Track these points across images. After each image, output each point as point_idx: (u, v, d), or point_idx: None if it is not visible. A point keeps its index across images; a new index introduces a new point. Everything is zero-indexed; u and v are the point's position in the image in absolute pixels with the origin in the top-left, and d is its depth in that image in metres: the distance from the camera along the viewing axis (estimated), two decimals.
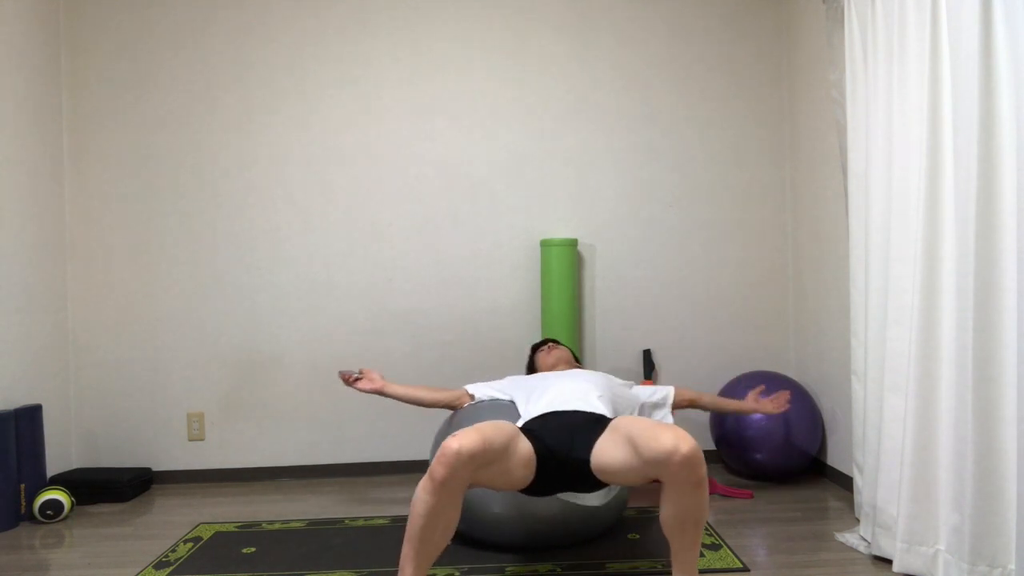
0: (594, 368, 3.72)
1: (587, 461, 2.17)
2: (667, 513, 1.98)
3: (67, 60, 3.61)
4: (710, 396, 2.95)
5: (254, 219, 3.65)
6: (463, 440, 1.96)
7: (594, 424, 2.27)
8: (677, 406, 2.84)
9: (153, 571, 2.48)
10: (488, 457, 2.01)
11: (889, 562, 2.40)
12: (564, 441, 2.22)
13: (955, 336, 2.13)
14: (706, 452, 3.72)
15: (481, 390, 2.82)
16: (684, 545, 2.00)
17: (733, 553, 2.49)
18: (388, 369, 3.66)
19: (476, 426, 2.06)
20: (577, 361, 3.02)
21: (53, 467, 3.43)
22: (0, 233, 3.14)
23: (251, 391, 3.63)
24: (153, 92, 3.62)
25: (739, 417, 3.26)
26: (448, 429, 2.72)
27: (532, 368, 3.03)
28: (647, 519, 2.86)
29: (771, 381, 3.33)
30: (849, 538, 2.59)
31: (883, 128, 2.50)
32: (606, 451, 2.13)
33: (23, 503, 3.09)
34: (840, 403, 3.25)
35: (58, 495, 3.06)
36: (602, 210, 3.73)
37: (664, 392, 2.83)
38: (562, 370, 2.82)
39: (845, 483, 3.20)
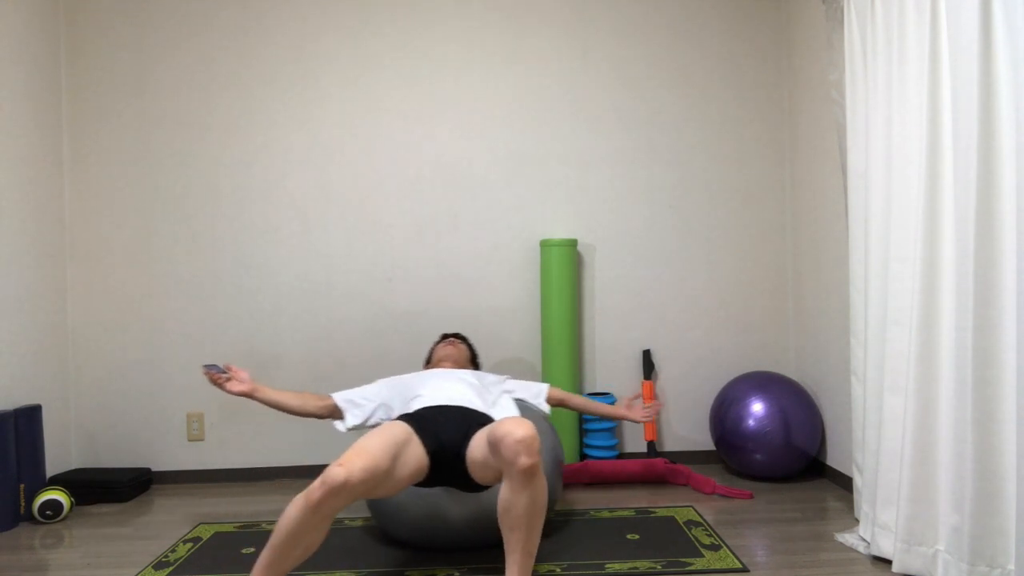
0: (594, 368, 3.73)
1: (465, 459, 2.26)
2: (500, 506, 2.03)
3: (67, 60, 3.61)
4: (580, 398, 3.04)
5: (254, 219, 3.65)
6: (352, 470, 1.93)
7: (479, 424, 2.36)
8: (549, 404, 2.96)
9: (153, 571, 2.48)
10: (376, 482, 2.00)
11: (889, 562, 2.40)
12: (457, 438, 2.29)
13: (955, 336, 2.13)
14: (706, 452, 3.72)
15: (346, 398, 2.72)
16: (512, 545, 2.02)
17: (733, 553, 2.49)
18: (388, 369, 3.66)
19: (365, 447, 2.03)
20: (474, 363, 3.14)
21: (53, 467, 3.43)
22: (0, 233, 3.14)
23: None
24: (153, 92, 3.63)
25: (739, 417, 3.26)
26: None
27: (431, 355, 3.13)
28: (647, 519, 2.86)
29: (771, 381, 3.33)
30: (849, 538, 2.59)
31: (883, 128, 2.50)
32: (474, 447, 2.22)
33: (23, 503, 3.09)
34: (840, 403, 3.24)
35: (58, 495, 3.06)
36: (602, 210, 3.73)
37: (537, 389, 2.96)
38: (445, 368, 2.89)
39: (845, 483, 3.20)
